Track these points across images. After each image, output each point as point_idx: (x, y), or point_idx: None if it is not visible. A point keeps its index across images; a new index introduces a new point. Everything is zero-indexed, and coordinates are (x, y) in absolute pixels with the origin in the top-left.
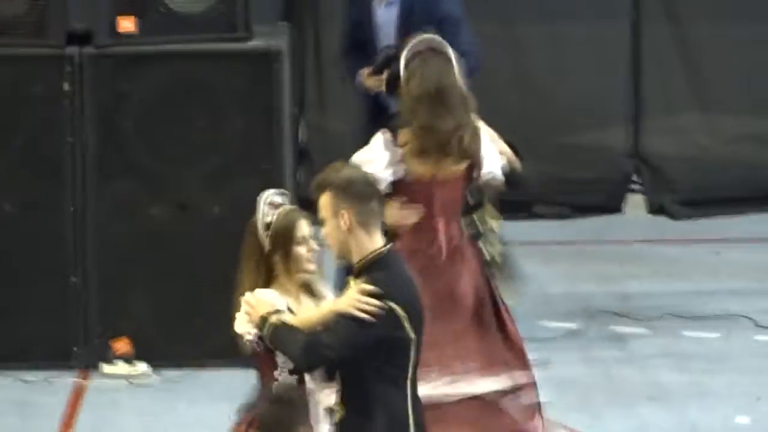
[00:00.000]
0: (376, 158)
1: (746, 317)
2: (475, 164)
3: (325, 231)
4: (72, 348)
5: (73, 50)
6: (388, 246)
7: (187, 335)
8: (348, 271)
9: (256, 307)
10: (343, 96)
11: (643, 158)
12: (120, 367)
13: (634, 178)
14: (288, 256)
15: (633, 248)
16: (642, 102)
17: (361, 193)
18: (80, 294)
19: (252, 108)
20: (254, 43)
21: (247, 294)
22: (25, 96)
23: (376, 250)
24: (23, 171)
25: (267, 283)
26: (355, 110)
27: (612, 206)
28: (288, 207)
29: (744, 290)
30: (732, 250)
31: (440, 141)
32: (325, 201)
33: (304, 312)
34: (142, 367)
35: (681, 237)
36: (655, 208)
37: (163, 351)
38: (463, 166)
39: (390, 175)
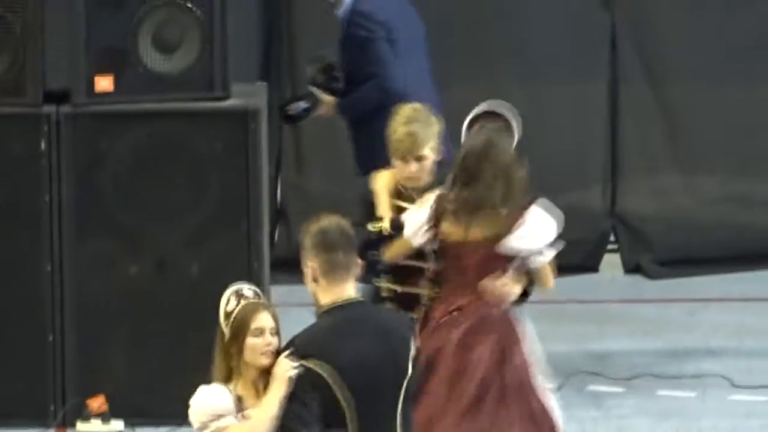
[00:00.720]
0: (416, 218)
1: (722, 377)
2: (505, 233)
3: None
4: (49, 407)
5: (50, 109)
6: (352, 299)
7: (165, 394)
8: None
9: (196, 413)
10: (321, 156)
11: (620, 218)
12: (96, 425)
13: (612, 238)
14: (242, 347)
15: (609, 308)
16: (620, 162)
17: (326, 244)
18: (57, 352)
19: (229, 167)
20: (232, 102)
21: (194, 396)
22: (4, 154)
23: (333, 302)
24: (14, 223)
25: (229, 372)
26: (334, 170)
27: (589, 266)
28: (254, 300)
29: (719, 350)
30: (708, 310)
31: (472, 201)
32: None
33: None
34: (118, 425)
35: (657, 297)
36: (632, 268)
37: (140, 409)
38: (494, 231)
39: (419, 237)
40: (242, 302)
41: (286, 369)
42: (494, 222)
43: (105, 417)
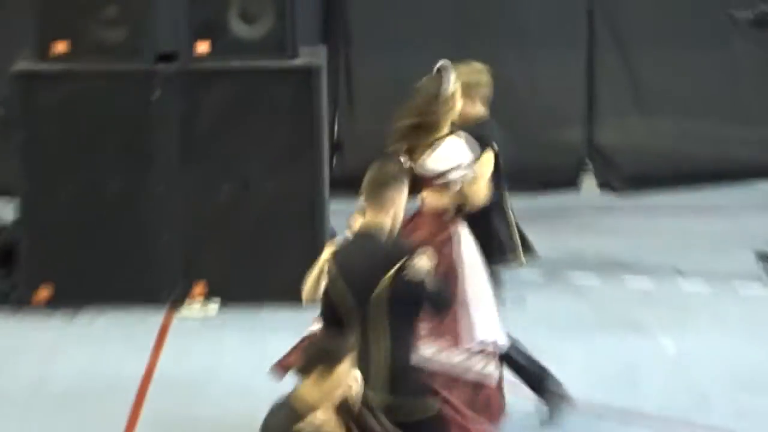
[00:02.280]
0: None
1: (671, 266)
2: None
3: None
4: (162, 291)
5: (162, 67)
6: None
7: (250, 280)
8: None
9: None
10: (368, 101)
11: (595, 148)
12: (197, 306)
13: (588, 162)
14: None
15: (586, 213)
16: (595, 107)
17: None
18: (170, 250)
19: (298, 110)
20: (299, 62)
21: None
22: (126, 101)
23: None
24: (125, 160)
25: None
26: (377, 112)
27: (571, 183)
28: None
29: (670, 246)
30: (661, 216)
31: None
32: None
33: None
34: (214, 305)
35: (622, 206)
36: (603, 185)
37: (231, 293)
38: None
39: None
40: None
41: None
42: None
43: (205, 299)
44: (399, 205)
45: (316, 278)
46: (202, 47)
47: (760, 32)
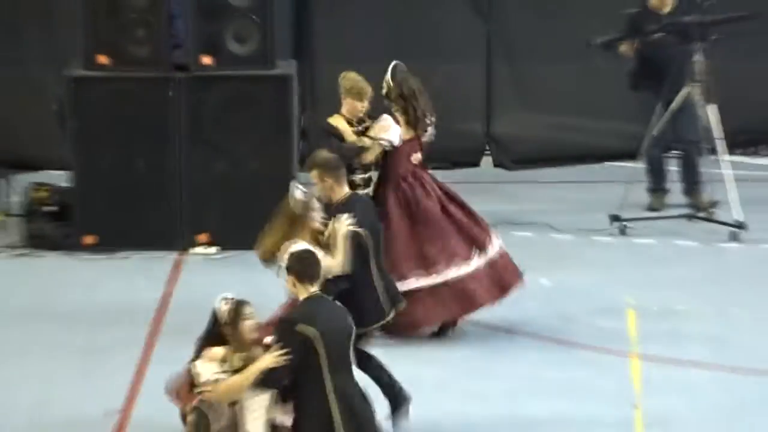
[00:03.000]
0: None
1: (546, 224)
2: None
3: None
4: (175, 238)
5: (176, 74)
6: (318, 294)
7: (240, 231)
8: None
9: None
10: (326, 101)
11: (491, 136)
12: (201, 249)
13: (486, 147)
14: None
15: (486, 186)
16: (492, 104)
17: (302, 267)
18: (181, 208)
19: (276, 108)
20: (277, 71)
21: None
22: (150, 99)
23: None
24: (149, 142)
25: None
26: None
27: (473, 162)
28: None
29: (546, 209)
30: (541, 188)
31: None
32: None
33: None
34: (214, 249)
35: (512, 180)
36: (498, 164)
37: (227, 240)
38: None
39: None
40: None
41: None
42: (417, 129)
43: (207, 244)
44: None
45: (278, 242)
46: (206, 60)
47: (609, 53)
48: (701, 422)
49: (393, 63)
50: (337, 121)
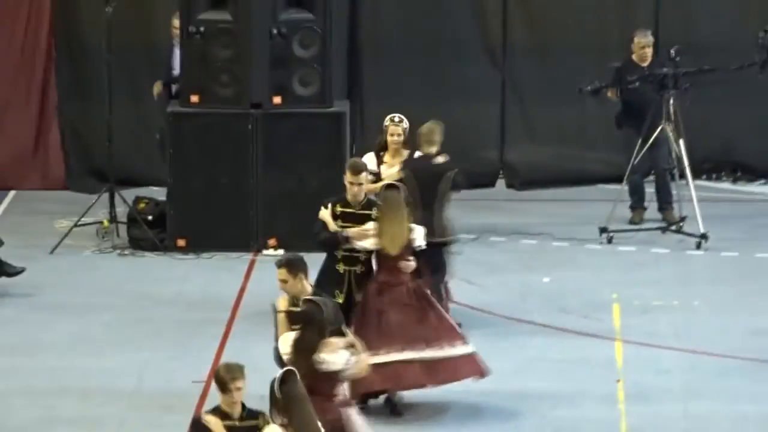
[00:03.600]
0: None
1: (548, 234)
2: None
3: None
4: (250, 241)
5: (253, 111)
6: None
7: (302, 237)
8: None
9: None
10: (372, 132)
11: (504, 163)
12: (271, 251)
13: (500, 171)
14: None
15: (499, 203)
16: (505, 137)
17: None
18: (255, 217)
19: (332, 139)
20: (333, 109)
21: None
22: (233, 131)
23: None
24: (231, 165)
25: None
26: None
27: (490, 184)
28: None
29: (548, 222)
30: (544, 205)
31: None
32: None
33: None
34: (281, 251)
35: (521, 198)
36: (510, 185)
37: (292, 244)
38: None
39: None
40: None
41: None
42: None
43: (276, 248)
44: None
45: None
46: (277, 100)
47: (597, 99)
48: (671, 394)
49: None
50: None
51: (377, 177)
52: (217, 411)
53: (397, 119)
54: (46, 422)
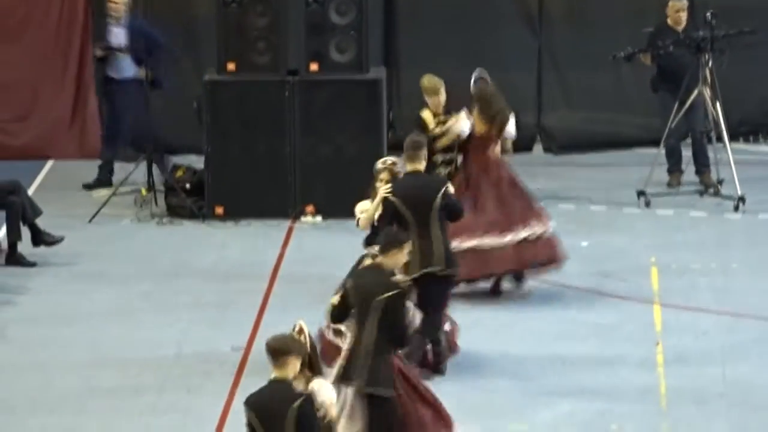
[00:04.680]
0: (465, 123)
1: (585, 198)
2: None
3: None
4: (288, 209)
5: (290, 78)
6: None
7: (341, 203)
8: None
9: None
10: (408, 98)
11: (540, 127)
12: (309, 218)
13: (537, 135)
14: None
15: (536, 168)
16: (542, 101)
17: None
18: (294, 184)
19: (369, 104)
20: (370, 76)
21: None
22: (268, 98)
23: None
24: (269, 131)
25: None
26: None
27: (527, 148)
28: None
29: (584, 186)
30: (580, 169)
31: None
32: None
33: None
34: (319, 218)
35: (558, 163)
36: (547, 150)
37: (330, 210)
38: (492, 129)
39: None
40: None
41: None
42: (492, 126)
43: (313, 215)
44: (425, 156)
45: (372, 212)
46: (314, 66)
47: (632, 64)
48: (709, 357)
49: (476, 71)
50: (425, 114)
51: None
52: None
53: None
54: (85, 392)
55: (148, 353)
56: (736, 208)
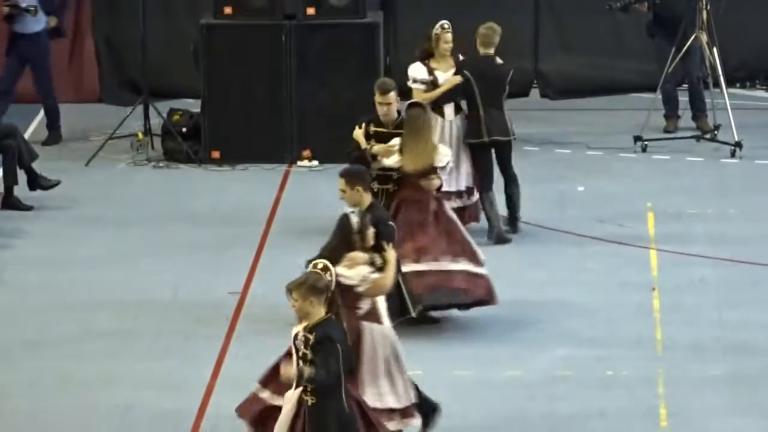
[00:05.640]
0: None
1: (582, 143)
2: None
3: None
4: (285, 153)
5: (287, 22)
6: None
7: (337, 148)
8: None
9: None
10: (405, 44)
11: (538, 72)
12: (305, 163)
13: (534, 80)
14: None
15: (530, 113)
16: (538, 46)
17: None
18: (290, 128)
19: (366, 49)
20: (367, 20)
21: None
22: (268, 42)
23: None
24: (265, 75)
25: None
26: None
27: (523, 93)
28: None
29: (582, 131)
30: (578, 114)
31: None
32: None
33: None
34: (315, 162)
35: (555, 107)
36: (543, 95)
37: (326, 155)
38: None
39: None
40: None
41: None
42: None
43: (310, 159)
44: None
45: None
46: (310, 11)
47: (627, 14)
48: (705, 303)
49: (440, 23)
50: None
51: (434, 84)
52: None
53: (446, 26)
54: (82, 335)
55: (145, 297)
56: (733, 154)
